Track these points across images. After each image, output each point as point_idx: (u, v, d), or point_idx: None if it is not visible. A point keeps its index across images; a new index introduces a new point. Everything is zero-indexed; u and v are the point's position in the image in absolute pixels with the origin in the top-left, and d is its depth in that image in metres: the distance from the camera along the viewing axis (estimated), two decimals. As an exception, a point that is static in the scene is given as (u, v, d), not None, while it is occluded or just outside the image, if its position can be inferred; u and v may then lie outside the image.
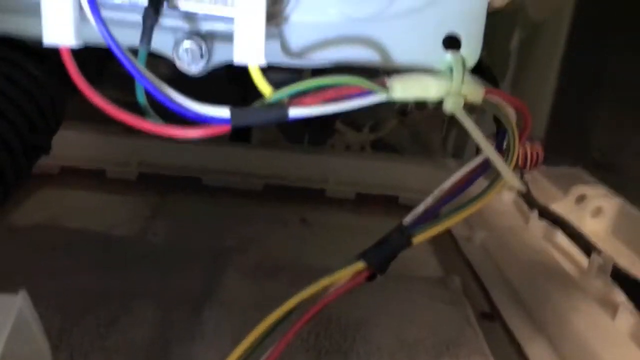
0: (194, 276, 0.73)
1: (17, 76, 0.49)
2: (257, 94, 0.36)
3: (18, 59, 0.50)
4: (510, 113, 0.41)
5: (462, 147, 1.12)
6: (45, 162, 0.66)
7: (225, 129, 0.34)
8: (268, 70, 1.00)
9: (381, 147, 1.14)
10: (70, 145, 0.93)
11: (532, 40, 0.97)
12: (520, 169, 0.84)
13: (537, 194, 0.90)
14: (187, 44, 0.45)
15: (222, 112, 0.33)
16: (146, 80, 0.31)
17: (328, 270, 0.41)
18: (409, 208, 0.43)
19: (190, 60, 0.45)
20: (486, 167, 0.42)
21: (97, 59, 0.70)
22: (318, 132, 1.12)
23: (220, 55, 0.48)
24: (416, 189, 0.99)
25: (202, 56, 0.46)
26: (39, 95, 0.51)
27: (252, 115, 0.34)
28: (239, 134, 1.09)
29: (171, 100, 0.32)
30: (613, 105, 0.91)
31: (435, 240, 0.89)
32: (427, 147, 1.14)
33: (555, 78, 0.97)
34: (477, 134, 0.38)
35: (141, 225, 0.89)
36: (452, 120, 1.11)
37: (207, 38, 0.46)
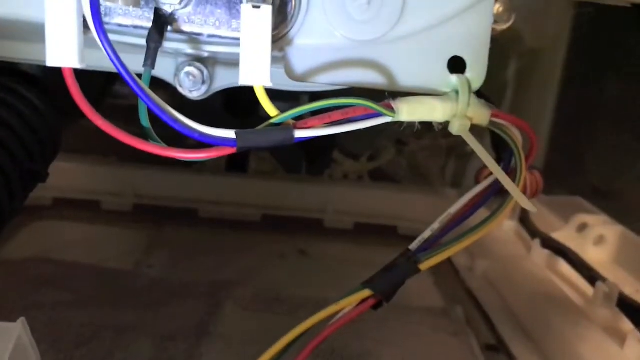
0: (191, 309, 0.72)
1: (17, 105, 0.48)
2: (252, 121, 0.35)
3: (18, 88, 0.49)
4: (517, 135, 0.40)
5: (461, 176, 1.11)
6: (38, 194, 0.65)
7: (231, 150, 0.33)
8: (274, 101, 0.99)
9: (379, 176, 1.13)
10: (63, 176, 0.92)
11: (529, 69, 0.98)
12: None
13: (538, 223, 0.89)
14: (188, 69, 0.45)
15: (228, 133, 0.32)
16: (152, 102, 0.31)
17: (327, 302, 0.40)
18: (408, 238, 0.42)
19: (191, 85, 0.45)
20: (492, 191, 0.42)
21: (94, 88, 0.70)
22: (316, 161, 1.11)
23: (221, 80, 0.47)
24: (415, 218, 0.99)
25: (203, 82, 0.45)
26: (38, 123, 0.51)
27: (257, 137, 0.33)
28: (235, 164, 1.08)
29: (177, 122, 0.31)
30: (611, 132, 0.91)
31: (436, 271, 0.88)
32: (426, 176, 1.13)
33: (552, 106, 0.97)
34: (485, 156, 0.37)
35: (137, 258, 0.87)
36: (451, 149, 1.11)
37: (208, 63, 0.46)
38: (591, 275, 0.73)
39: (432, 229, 0.42)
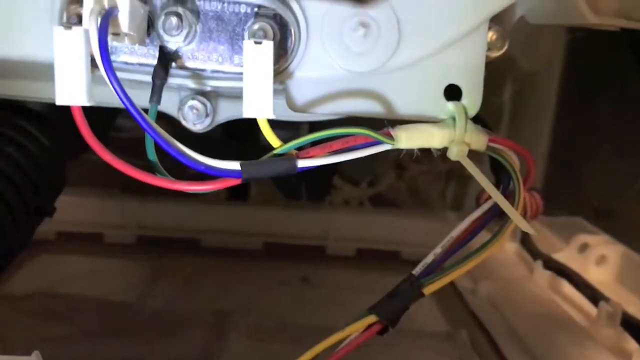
0: (196, 340, 0.72)
1: (24, 142, 0.49)
2: (254, 149, 0.36)
3: (25, 125, 0.50)
4: (514, 159, 0.41)
5: (461, 199, 1.12)
6: (42, 228, 0.66)
7: (236, 182, 0.34)
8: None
9: (380, 201, 1.14)
10: (66, 209, 0.92)
11: (525, 91, 0.99)
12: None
13: (539, 244, 0.90)
14: (192, 103, 0.46)
15: (233, 165, 0.33)
16: (159, 136, 0.32)
17: (332, 329, 0.40)
18: (411, 263, 0.42)
19: (195, 118, 0.46)
20: (492, 214, 0.43)
21: (98, 123, 0.71)
22: (316, 188, 1.12)
23: (224, 113, 0.48)
24: (417, 243, 0.99)
25: (207, 115, 0.46)
26: (44, 159, 0.52)
27: (261, 168, 0.34)
28: (236, 192, 1.09)
29: (184, 155, 0.32)
30: (609, 152, 0.92)
31: (439, 295, 0.88)
32: (426, 200, 1.14)
33: (549, 127, 0.98)
34: (483, 180, 0.38)
35: (140, 290, 0.87)
36: (450, 173, 1.12)
37: (211, 97, 0.47)
38: (594, 295, 0.73)
39: (434, 254, 0.43)
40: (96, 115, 0.43)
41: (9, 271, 0.83)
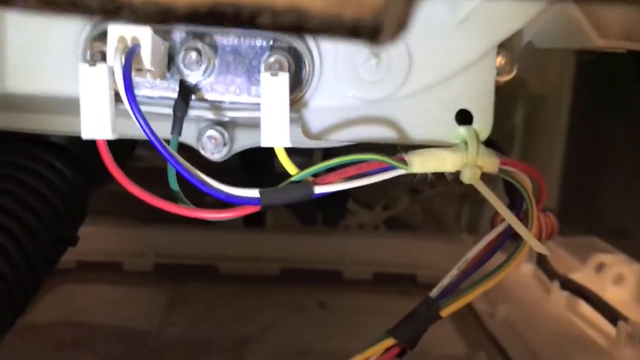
0: (215, 366, 0.72)
1: (48, 174, 0.51)
2: (269, 177, 0.37)
3: (48, 158, 0.52)
4: (526, 180, 0.42)
5: (476, 222, 1.12)
6: (62, 258, 0.68)
7: (255, 209, 0.35)
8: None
9: (395, 225, 1.14)
10: (86, 239, 0.94)
11: (536, 113, 1.00)
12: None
13: (556, 265, 0.90)
14: (210, 133, 0.47)
15: (252, 193, 0.34)
16: (182, 167, 0.33)
17: (350, 354, 0.41)
18: (427, 286, 0.43)
19: (213, 148, 0.47)
20: (507, 235, 0.43)
21: (119, 154, 0.73)
22: (331, 213, 1.13)
23: (241, 142, 0.50)
24: (434, 266, 0.99)
25: (224, 144, 0.48)
26: (67, 191, 0.53)
27: (280, 195, 0.35)
28: (252, 219, 1.10)
29: (205, 184, 0.33)
30: (623, 171, 0.92)
31: (457, 318, 0.88)
32: (441, 223, 1.14)
33: (562, 148, 0.99)
34: (496, 203, 0.39)
35: (159, 317, 0.88)
36: (465, 195, 1.12)
37: (228, 126, 0.48)
38: (612, 315, 0.73)
39: (450, 276, 0.43)
40: (117, 146, 0.45)
41: (31, 300, 0.85)
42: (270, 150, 0.37)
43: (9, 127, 0.49)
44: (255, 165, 0.97)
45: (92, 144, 0.57)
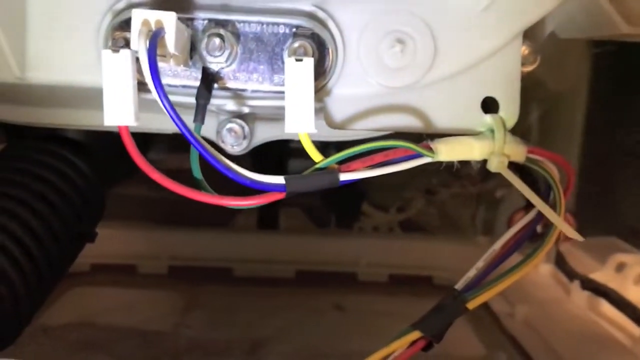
0: (232, 368, 0.71)
1: (66, 170, 0.51)
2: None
3: (67, 154, 0.52)
4: (553, 169, 0.41)
5: (492, 223, 1.11)
6: (76, 261, 0.67)
7: (280, 196, 0.34)
8: (290, 159, 1.01)
9: (410, 227, 1.13)
10: (99, 242, 0.94)
11: (552, 113, 0.99)
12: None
13: (575, 265, 0.89)
14: (230, 125, 0.47)
15: (277, 179, 0.34)
16: (207, 152, 0.32)
17: (368, 355, 0.40)
18: (443, 288, 0.42)
19: (233, 141, 0.47)
20: (535, 225, 0.42)
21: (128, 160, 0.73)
22: (345, 215, 1.12)
23: (260, 135, 0.49)
24: (449, 267, 0.98)
25: (244, 137, 0.47)
26: (85, 187, 0.53)
27: (305, 182, 0.35)
28: (266, 221, 1.09)
29: (230, 170, 0.33)
30: (641, 169, 0.91)
31: (474, 318, 0.87)
32: (456, 225, 1.13)
33: (578, 147, 0.98)
34: (526, 190, 0.38)
35: (175, 319, 0.87)
36: (480, 196, 1.11)
37: (248, 119, 0.48)
38: (636, 314, 0.72)
39: (476, 268, 0.42)
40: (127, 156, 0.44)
41: (45, 303, 0.84)
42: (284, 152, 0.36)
43: (28, 122, 0.48)
44: (267, 168, 0.97)
45: (108, 140, 0.57)
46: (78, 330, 0.79)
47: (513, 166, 0.40)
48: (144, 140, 0.72)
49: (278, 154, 0.96)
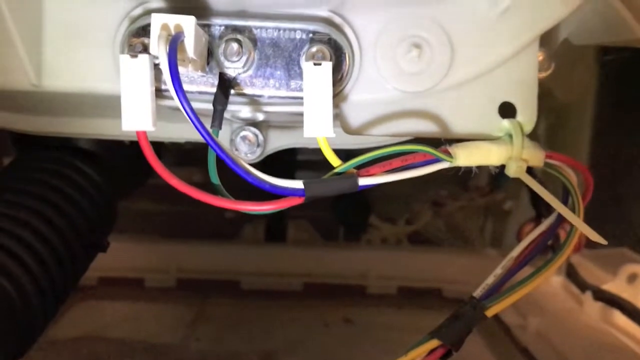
0: (242, 381, 0.71)
1: (79, 180, 0.50)
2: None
3: (79, 164, 0.51)
4: (572, 175, 0.41)
5: (500, 235, 1.10)
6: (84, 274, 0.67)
7: (299, 201, 0.34)
8: (298, 169, 1.00)
9: (418, 239, 1.13)
10: (107, 255, 0.93)
11: (559, 123, 0.99)
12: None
13: (586, 276, 0.88)
14: (244, 133, 0.47)
15: (296, 184, 0.34)
16: (227, 156, 0.32)
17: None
18: (453, 301, 0.41)
19: (247, 149, 0.47)
20: (552, 231, 0.42)
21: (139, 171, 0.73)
22: (353, 227, 1.12)
23: (274, 143, 0.49)
24: (458, 279, 0.97)
25: (258, 145, 0.47)
26: (97, 197, 0.52)
27: (324, 186, 0.34)
28: (274, 234, 1.09)
29: (249, 174, 0.33)
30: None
31: (486, 332, 0.86)
32: (464, 237, 1.13)
33: (586, 158, 0.97)
34: (546, 195, 0.37)
35: (183, 332, 0.87)
36: (488, 208, 1.10)
37: (261, 127, 0.48)
38: (649, 324, 0.71)
39: (494, 275, 0.42)
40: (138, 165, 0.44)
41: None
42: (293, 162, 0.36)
43: (42, 132, 0.48)
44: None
45: (119, 150, 0.57)
46: (87, 344, 0.79)
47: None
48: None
49: (287, 165, 0.96)
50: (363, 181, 0.35)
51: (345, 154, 0.57)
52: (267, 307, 0.95)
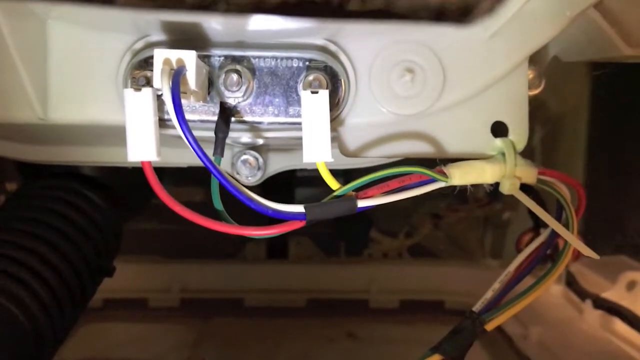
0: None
1: (85, 206, 0.52)
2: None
3: (84, 191, 0.53)
4: (564, 190, 0.42)
5: (500, 246, 1.11)
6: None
7: (300, 224, 0.35)
8: (299, 187, 1.01)
9: (418, 252, 1.13)
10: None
11: (554, 134, 1.00)
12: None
13: (586, 285, 0.89)
14: (244, 157, 0.48)
15: (297, 208, 0.35)
16: (230, 184, 0.33)
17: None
18: (456, 313, 0.42)
19: (248, 172, 0.48)
20: (548, 245, 0.43)
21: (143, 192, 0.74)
22: (354, 242, 1.13)
23: (274, 165, 0.51)
24: (460, 291, 0.98)
25: (259, 168, 0.48)
26: (103, 222, 0.54)
27: (324, 210, 0.35)
28: (276, 251, 1.10)
29: (252, 201, 0.34)
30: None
31: (489, 343, 0.87)
32: (465, 248, 1.14)
33: (582, 168, 0.98)
34: (539, 211, 0.39)
35: (188, 351, 0.87)
36: (487, 219, 1.11)
37: (261, 151, 0.49)
38: (648, 331, 0.72)
39: (493, 289, 0.43)
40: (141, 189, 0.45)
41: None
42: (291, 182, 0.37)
43: (47, 161, 0.50)
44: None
45: (123, 175, 0.58)
46: (93, 366, 0.80)
47: (523, 188, 0.41)
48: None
49: (287, 182, 0.97)
50: (362, 203, 0.36)
51: (343, 174, 0.58)
52: (271, 324, 0.96)
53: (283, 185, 0.99)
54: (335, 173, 0.39)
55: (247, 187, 0.49)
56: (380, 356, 0.88)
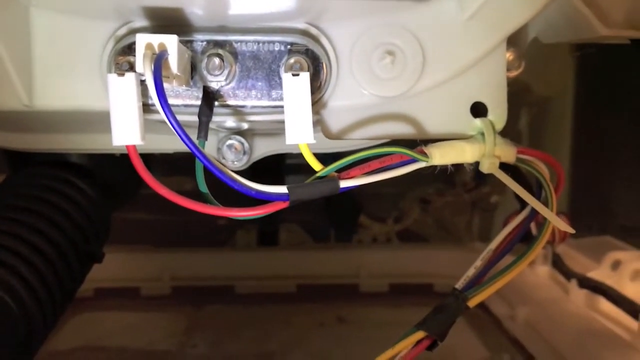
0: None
1: (72, 193, 0.52)
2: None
3: (72, 178, 0.53)
4: (543, 168, 0.43)
5: (488, 229, 1.13)
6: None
7: (283, 205, 0.36)
8: (288, 175, 1.01)
9: (407, 236, 1.15)
10: (102, 266, 0.94)
11: (540, 117, 1.01)
12: (550, 243, 0.85)
13: (571, 265, 0.90)
14: (230, 142, 0.49)
15: (281, 189, 0.35)
16: (213, 166, 0.34)
17: None
18: (444, 295, 0.43)
19: (234, 157, 0.49)
20: (527, 222, 0.44)
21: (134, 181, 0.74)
22: (344, 228, 1.14)
23: (259, 150, 0.51)
24: (448, 274, 0.99)
25: (244, 152, 0.49)
26: (91, 209, 0.54)
27: (307, 190, 0.36)
28: (266, 238, 1.10)
29: (235, 181, 0.34)
30: (631, 167, 0.93)
31: (476, 323, 0.88)
32: (453, 232, 1.15)
33: (568, 150, 1.00)
34: (517, 188, 0.39)
35: (180, 339, 0.88)
36: (475, 203, 1.13)
37: (247, 135, 0.49)
38: (633, 308, 0.73)
39: (475, 267, 0.44)
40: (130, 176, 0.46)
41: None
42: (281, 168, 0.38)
43: (35, 149, 0.50)
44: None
45: (111, 162, 0.58)
46: (86, 355, 0.80)
47: (507, 169, 0.42)
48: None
49: (277, 171, 0.98)
50: (344, 183, 0.37)
51: (333, 158, 0.59)
52: (262, 310, 0.97)
53: (273, 173, 0.99)
54: (325, 157, 0.40)
55: (234, 172, 0.50)
56: (370, 339, 0.89)
